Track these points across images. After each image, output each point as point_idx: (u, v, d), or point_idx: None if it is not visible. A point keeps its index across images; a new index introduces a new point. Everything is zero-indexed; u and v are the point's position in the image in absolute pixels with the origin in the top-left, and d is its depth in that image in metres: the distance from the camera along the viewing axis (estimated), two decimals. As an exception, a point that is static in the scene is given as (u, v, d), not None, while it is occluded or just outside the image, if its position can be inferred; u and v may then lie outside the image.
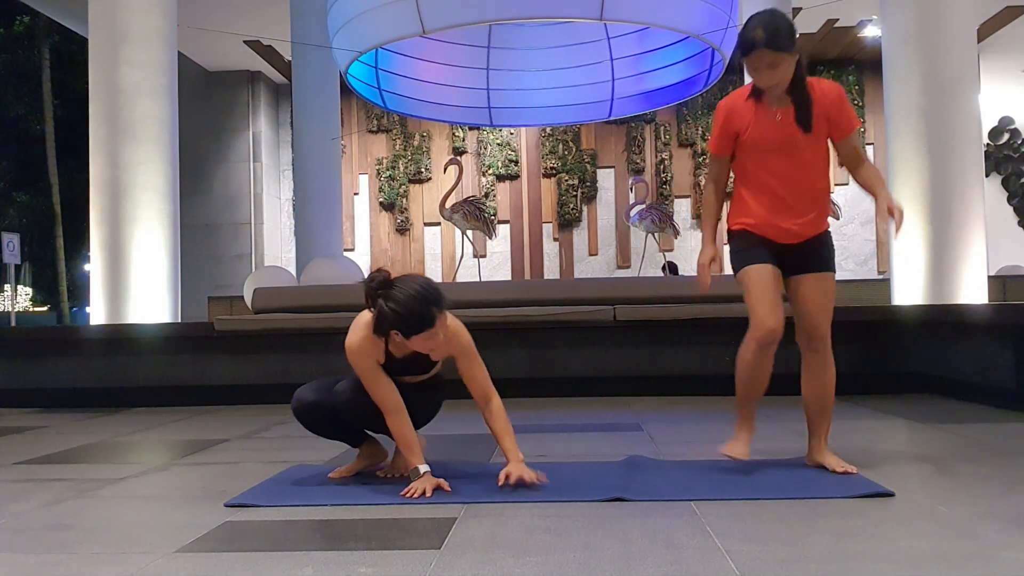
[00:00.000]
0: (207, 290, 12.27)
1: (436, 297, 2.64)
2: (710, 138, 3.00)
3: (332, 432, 3.03)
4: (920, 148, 6.44)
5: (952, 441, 3.65)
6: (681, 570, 1.88)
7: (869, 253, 13.98)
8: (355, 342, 2.75)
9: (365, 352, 2.74)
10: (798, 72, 2.76)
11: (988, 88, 13.32)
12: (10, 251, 10.56)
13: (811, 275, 2.86)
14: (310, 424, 2.98)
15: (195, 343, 6.03)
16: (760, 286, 2.79)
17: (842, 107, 2.80)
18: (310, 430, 3.01)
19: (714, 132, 2.94)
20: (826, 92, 2.80)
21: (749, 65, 2.73)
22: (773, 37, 2.67)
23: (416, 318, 2.60)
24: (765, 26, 2.69)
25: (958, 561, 1.91)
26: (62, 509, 2.67)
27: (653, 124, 14.23)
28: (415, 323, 2.61)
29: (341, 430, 3.01)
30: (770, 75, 2.72)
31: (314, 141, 9.92)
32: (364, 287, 2.69)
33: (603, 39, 9.28)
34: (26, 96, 23.83)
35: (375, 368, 2.76)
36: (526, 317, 5.70)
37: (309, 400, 2.92)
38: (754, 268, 2.83)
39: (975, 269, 6.37)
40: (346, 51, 7.45)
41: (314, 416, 2.94)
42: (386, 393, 2.76)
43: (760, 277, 2.80)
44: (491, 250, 14.06)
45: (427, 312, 2.61)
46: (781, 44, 2.68)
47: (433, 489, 2.65)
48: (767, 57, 2.69)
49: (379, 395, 2.76)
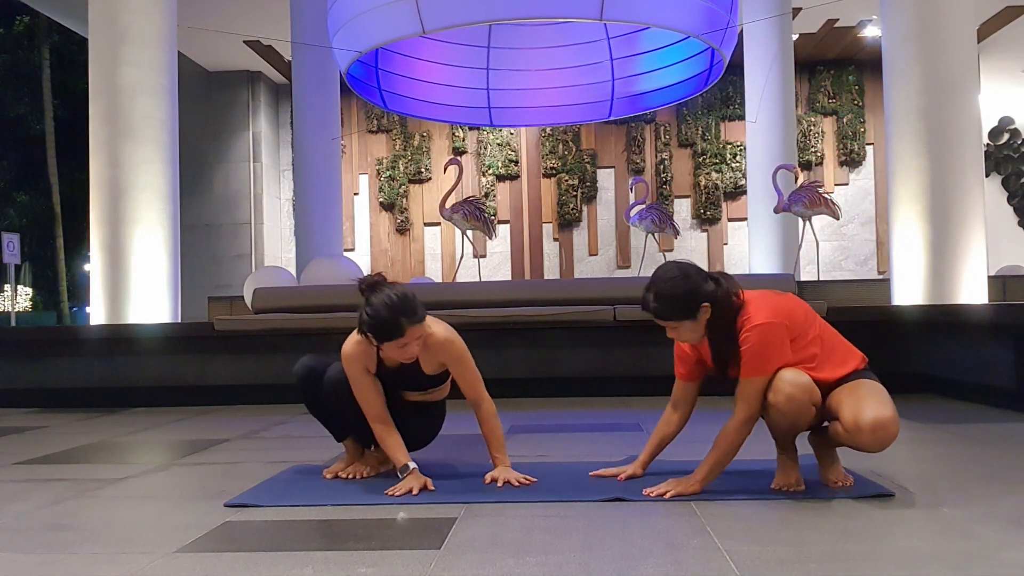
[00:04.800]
0: (207, 290, 12.25)
1: (409, 309, 2.68)
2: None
3: (318, 409, 3.09)
4: (920, 148, 6.43)
5: (952, 441, 3.65)
6: (681, 570, 1.88)
7: (869, 253, 13.98)
8: (348, 347, 2.86)
9: (356, 358, 2.84)
10: (719, 317, 2.56)
11: (988, 88, 13.33)
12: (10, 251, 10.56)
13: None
14: (305, 388, 3.04)
15: (195, 343, 6.03)
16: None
17: (745, 345, 2.53)
18: (305, 399, 3.08)
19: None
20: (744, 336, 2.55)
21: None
22: (658, 307, 2.56)
23: (385, 325, 2.67)
24: (657, 295, 2.56)
25: (958, 561, 1.91)
26: (62, 509, 2.67)
27: (653, 124, 14.23)
28: (383, 331, 2.68)
29: (325, 411, 3.07)
30: (676, 336, 2.64)
31: (314, 141, 9.91)
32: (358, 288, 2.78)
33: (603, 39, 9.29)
34: (26, 96, 23.83)
35: (363, 374, 2.84)
36: (526, 317, 5.70)
37: (308, 364, 3.04)
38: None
39: (975, 269, 6.37)
40: (346, 51, 7.46)
41: (308, 380, 3.02)
42: (370, 401, 2.84)
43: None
44: (491, 250, 14.07)
45: (395, 321, 2.66)
46: (666, 315, 2.56)
47: (420, 488, 2.69)
48: (661, 323, 2.61)
49: (363, 402, 2.85)
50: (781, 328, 2.53)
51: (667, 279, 2.57)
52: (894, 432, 2.49)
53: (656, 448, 2.86)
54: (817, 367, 2.57)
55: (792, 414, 2.52)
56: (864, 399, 2.50)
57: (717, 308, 2.56)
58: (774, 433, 2.64)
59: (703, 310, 2.55)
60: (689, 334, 2.62)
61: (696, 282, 2.56)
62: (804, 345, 2.57)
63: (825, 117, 14.16)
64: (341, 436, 3.08)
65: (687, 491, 2.55)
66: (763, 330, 2.51)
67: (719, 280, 2.59)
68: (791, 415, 2.52)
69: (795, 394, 2.49)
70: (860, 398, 2.51)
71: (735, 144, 13.99)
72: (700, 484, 2.57)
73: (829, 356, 2.60)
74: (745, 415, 2.54)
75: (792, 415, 2.52)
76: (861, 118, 14.09)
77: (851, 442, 2.52)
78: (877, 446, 2.50)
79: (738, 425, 2.54)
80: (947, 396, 5.15)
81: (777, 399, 2.51)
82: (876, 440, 2.47)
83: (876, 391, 2.55)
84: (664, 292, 2.56)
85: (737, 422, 2.54)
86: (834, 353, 2.62)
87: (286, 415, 4.99)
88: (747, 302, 2.58)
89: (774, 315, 2.54)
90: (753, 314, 2.54)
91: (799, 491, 2.59)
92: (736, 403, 2.57)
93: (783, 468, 2.66)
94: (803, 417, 2.54)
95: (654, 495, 2.55)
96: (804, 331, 2.58)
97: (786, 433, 2.61)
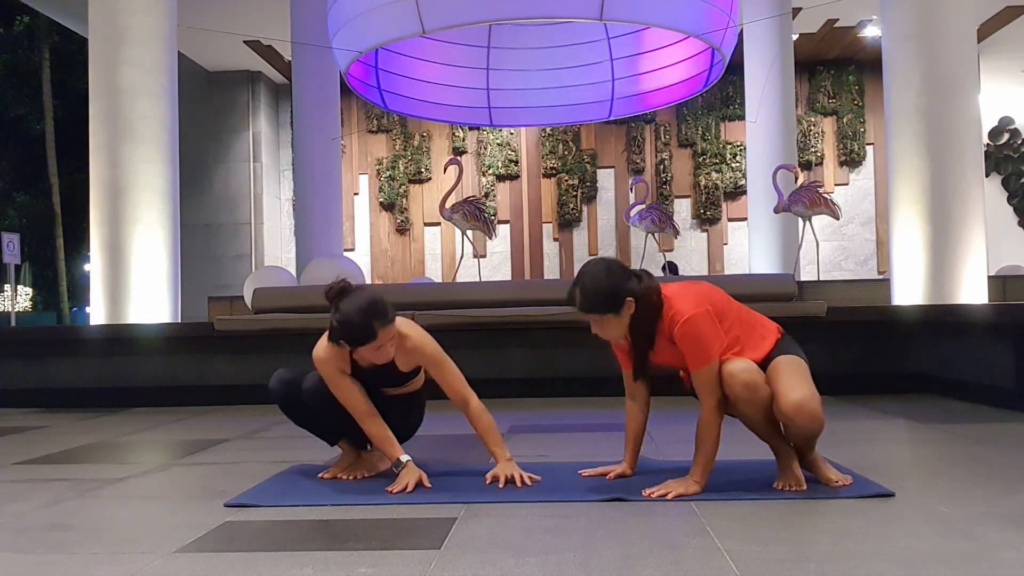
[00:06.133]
0: (207, 290, 12.26)
1: (379, 312, 2.69)
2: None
3: (304, 420, 3.09)
4: (920, 148, 6.43)
5: (952, 441, 3.65)
6: (681, 570, 1.88)
7: (869, 253, 13.98)
8: (319, 351, 2.85)
9: (328, 360, 2.83)
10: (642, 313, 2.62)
11: (988, 88, 13.33)
12: (10, 251, 10.56)
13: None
14: (284, 403, 3.03)
15: (195, 343, 6.03)
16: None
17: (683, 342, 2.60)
18: (285, 412, 3.07)
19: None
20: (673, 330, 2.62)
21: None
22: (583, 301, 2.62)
23: (358, 330, 2.68)
24: (582, 288, 2.62)
25: (958, 561, 1.91)
26: (62, 509, 2.67)
27: (653, 124, 14.24)
28: (356, 336, 2.69)
29: (312, 421, 3.06)
30: (600, 331, 2.68)
31: (314, 141, 9.92)
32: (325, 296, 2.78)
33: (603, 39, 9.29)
34: (26, 96, 23.83)
35: (340, 375, 2.84)
36: (526, 317, 5.70)
37: (283, 377, 3.02)
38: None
39: (975, 269, 6.37)
40: (346, 51, 7.46)
41: (286, 393, 3.00)
42: (353, 400, 2.84)
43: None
44: (491, 250, 14.07)
45: (368, 325, 2.67)
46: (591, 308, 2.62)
47: (416, 483, 2.71)
48: (585, 317, 2.66)
49: (346, 402, 2.85)
50: (708, 315, 2.60)
51: (592, 275, 2.64)
52: (812, 408, 2.52)
53: (635, 443, 2.92)
54: (742, 349, 2.64)
55: (757, 398, 2.56)
56: (782, 384, 2.55)
57: (641, 304, 2.62)
58: (756, 430, 2.69)
59: (627, 304, 2.61)
60: (613, 330, 2.67)
61: (620, 278, 2.62)
62: (727, 328, 2.64)
63: (825, 117, 14.16)
64: (334, 441, 3.08)
65: (688, 492, 2.56)
66: (694, 321, 2.58)
67: (641, 277, 2.66)
68: (756, 399, 2.56)
69: (749, 379, 2.55)
70: (779, 384, 2.56)
71: (735, 144, 13.99)
72: (700, 483, 2.59)
73: (750, 335, 2.68)
74: (712, 403, 2.60)
75: (757, 399, 2.56)
76: (861, 118, 14.09)
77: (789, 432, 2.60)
78: (809, 427, 2.55)
79: (710, 414, 2.61)
80: (947, 396, 5.15)
81: (736, 390, 2.56)
82: (803, 424, 2.53)
83: (791, 369, 2.59)
84: (589, 287, 2.62)
85: (708, 412, 2.61)
86: (753, 331, 2.69)
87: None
88: (669, 297, 2.64)
89: (698, 304, 2.61)
90: (679, 307, 2.60)
91: (800, 491, 2.59)
92: (699, 397, 2.63)
93: (782, 469, 2.67)
94: (766, 397, 2.58)
95: (655, 496, 2.55)
96: (725, 314, 2.66)
97: (763, 422, 2.64)
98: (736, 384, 2.55)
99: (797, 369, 2.61)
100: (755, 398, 2.56)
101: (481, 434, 2.87)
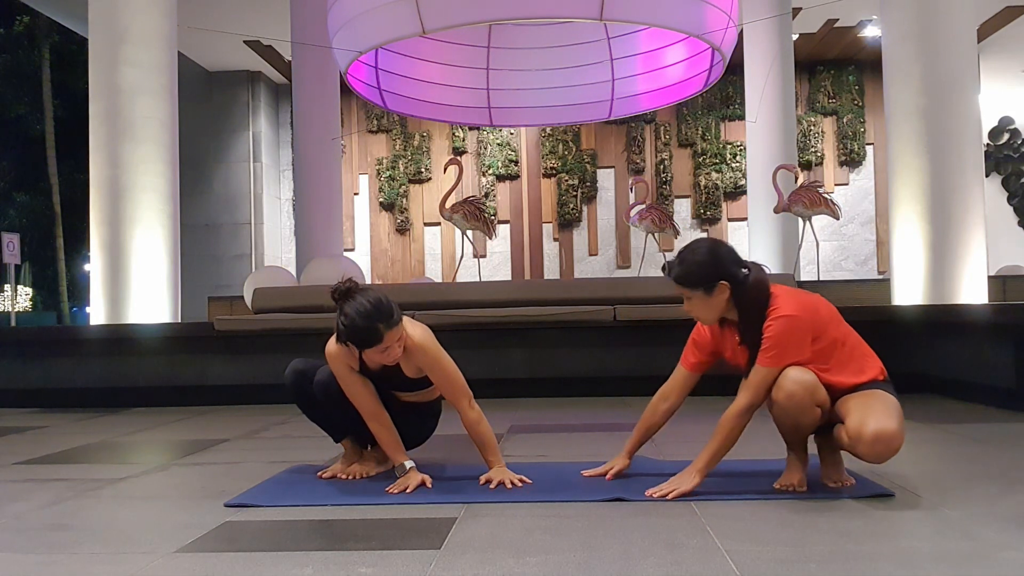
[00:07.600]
0: (207, 290, 12.27)
1: (385, 314, 2.68)
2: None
3: (313, 413, 3.09)
4: (920, 148, 6.43)
5: (952, 441, 3.65)
6: (681, 570, 1.88)
7: (869, 253, 13.98)
8: (331, 346, 2.87)
9: (338, 358, 2.85)
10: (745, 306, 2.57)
11: (988, 88, 13.32)
12: (10, 251, 10.57)
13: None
14: (297, 392, 3.04)
15: (195, 343, 6.03)
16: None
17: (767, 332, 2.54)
18: (298, 403, 3.08)
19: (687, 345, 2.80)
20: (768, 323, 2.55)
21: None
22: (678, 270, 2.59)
23: (363, 333, 2.67)
24: (681, 259, 2.59)
25: (958, 561, 1.91)
26: (62, 509, 2.67)
27: (653, 124, 14.24)
28: (362, 338, 2.68)
29: (320, 414, 3.07)
30: (689, 308, 2.64)
31: (314, 141, 9.91)
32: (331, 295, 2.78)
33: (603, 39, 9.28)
34: (26, 96, 23.82)
35: (350, 372, 2.85)
36: (526, 317, 5.70)
37: (298, 368, 3.04)
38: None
39: (975, 269, 6.37)
40: (346, 51, 7.45)
41: (298, 384, 3.02)
42: (361, 398, 2.85)
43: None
44: (491, 250, 14.07)
45: (373, 328, 2.66)
46: (683, 279, 2.59)
47: (417, 485, 2.71)
48: (677, 288, 2.62)
49: (355, 399, 2.86)
50: (805, 323, 2.52)
51: (695, 249, 2.61)
52: (895, 447, 2.46)
53: (642, 437, 2.86)
54: (831, 370, 2.55)
55: (793, 412, 2.51)
56: (871, 409, 2.47)
57: (741, 294, 2.55)
58: (780, 431, 2.63)
59: (720, 287, 2.55)
60: (702, 310, 2.61)
61: (722, 260, 2.57)
62: (822, 346, 2.55)
63: (825, 117, 14.16)
64: (339, 437, 3.09)
65: (688, 485, 2.54)
66: (787, 322, 2.51)
67: (751, 268, 2.59)
68: (792, 413, 2.51)
69: (796, 392, 2.48)
70: (868, 408, 2.48)
71: (735, 144, 13.99)
72: (700, 474, 2.56)
73: (847, 362, 2.57)
74: (747, 402, 2.53)
75: (793, 413, 2.51)
76: (861, 118, 14.09)
77: (852, 449, 2.50)
78: (875, 458, 2.48)
79: (739, 411, 2.53)
80: (947, 396, 5.15)
81: (778, 396, 2.50)
82: (875, 452, 2.45)
83: (886, 404, 2.51)
84: (688, 259, 2.59)
85: (738, 408, 2.54)
86: (852, 360, 2.59)
87: (286, 415, 4.99)
88: (776, 295, 2.58)
89: (801, 310, 2.54)
90: (781, 305, 2.54)
91: (801, 492, 2.59)
92: (741, 390, 2.56)
93: (789, 468, 2.65)
94: (806, 417, 2.52)
95: (656, 496, 2.55)
96: (825, 331, 2.57)
97: (791, 432, 2.60)
98: (782, 391, 2.49)
99: (892, 406, 2.51)
100: (792, 411, 2.50)
101: (476, 443, 2.85)
